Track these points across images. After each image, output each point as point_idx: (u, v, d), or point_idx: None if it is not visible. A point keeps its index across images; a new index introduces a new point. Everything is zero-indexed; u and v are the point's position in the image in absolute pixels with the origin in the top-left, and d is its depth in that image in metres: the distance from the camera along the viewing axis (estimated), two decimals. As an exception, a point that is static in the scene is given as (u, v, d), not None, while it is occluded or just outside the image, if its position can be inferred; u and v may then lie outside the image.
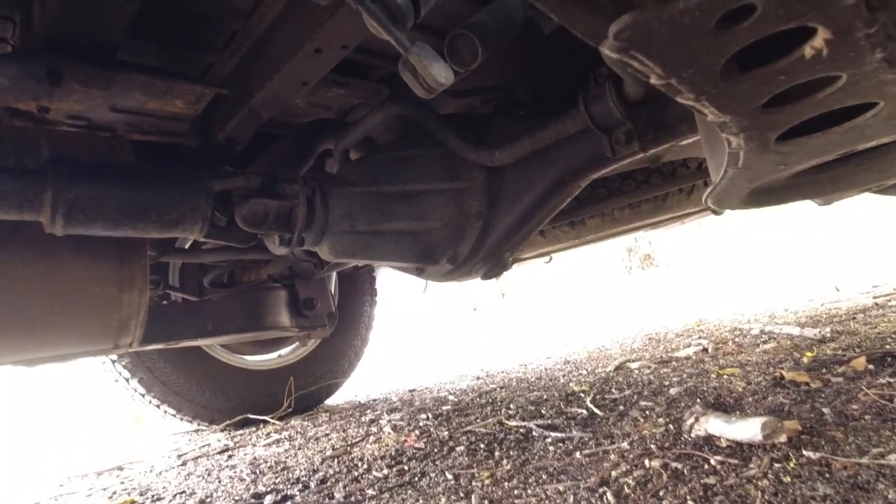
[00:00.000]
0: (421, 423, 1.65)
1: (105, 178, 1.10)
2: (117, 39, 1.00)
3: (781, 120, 0.57)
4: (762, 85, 0.48)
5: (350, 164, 1.46)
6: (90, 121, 1.18)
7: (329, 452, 1.51)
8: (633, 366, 1.96)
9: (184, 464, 1.73)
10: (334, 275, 2.59)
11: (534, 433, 1.29)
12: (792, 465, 0.79)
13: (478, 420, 1.56)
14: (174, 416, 2.16)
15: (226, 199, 1.28)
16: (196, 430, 2.29)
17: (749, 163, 0.71)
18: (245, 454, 1.72)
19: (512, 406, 1.66)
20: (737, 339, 2.06)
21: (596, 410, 1.38)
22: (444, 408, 1.87)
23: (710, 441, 0.95)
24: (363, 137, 1.46)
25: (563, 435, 1.22)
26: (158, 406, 2.13)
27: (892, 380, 1.12)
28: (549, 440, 1.21)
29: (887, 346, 1.39)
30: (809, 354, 1.49)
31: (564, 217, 1.98)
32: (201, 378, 2.21)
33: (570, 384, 1.84)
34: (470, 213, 1.39)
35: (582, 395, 1.62)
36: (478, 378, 2.48)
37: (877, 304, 2.10)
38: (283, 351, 2.54)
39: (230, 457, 1.71)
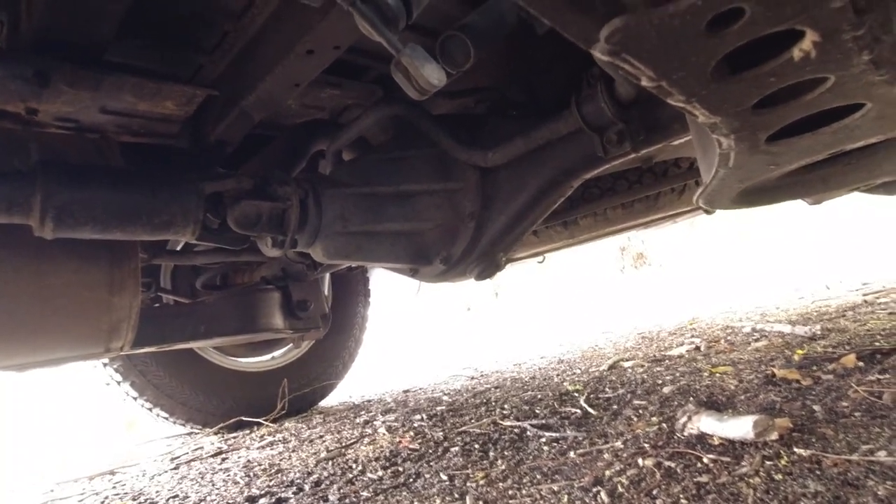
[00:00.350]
0: (415, 424, 1.65)
1: (95, 181, 1.09)
2: (106, 40, 1.00)
3: (771, 121, 0.57)
4: (752, 87, 0.48)
5: (343, 165, 1.46)
6: (79, 122, 1.17)
7: (323, 454, 1.50)
8: (627, 364, 1.97)
9: (177, 467, 1.72)
10: (328, 276, 2.58)
11: (528, 433, 1.30)
12: (783, 462, 0.80)
13: (472, 420, 1.56)
14: (167, 419, 2.14)
15: (218, 201, 1.27)
16: (189, 433, 2.27)
17: (740, 163, 0.72)
18: (239, 457, 1.71)
19: (506, 406, 1.66)
20: (729, 338, 2.08)
21: (590, 410, 1.39)
22: (439, 408, 1.87)
23: (702, 439, 0.96)
24: (357, 138, 1.46)
25: (557, 434, 1.22)
26: (151, 409, 2.11)
27: (881, 376, 1.13)
28: (543, 440, 1.21)
29: (876, 343, 1.41)
30: (800, 352, 1.51)
31: (558, 217, 1.99)
32: (194, 381, 2.19)
33: (564, 383, 1.84)
34: (463, 213, 1.39)
35: (576, 394, 1.62)
36: (472, 378, 2.48)
37: (866, 302, 2.12)
38: (277, 353, 2.53)
39: (224, 460, 1.70)
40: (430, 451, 1.32)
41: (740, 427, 0.90)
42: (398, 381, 2.86)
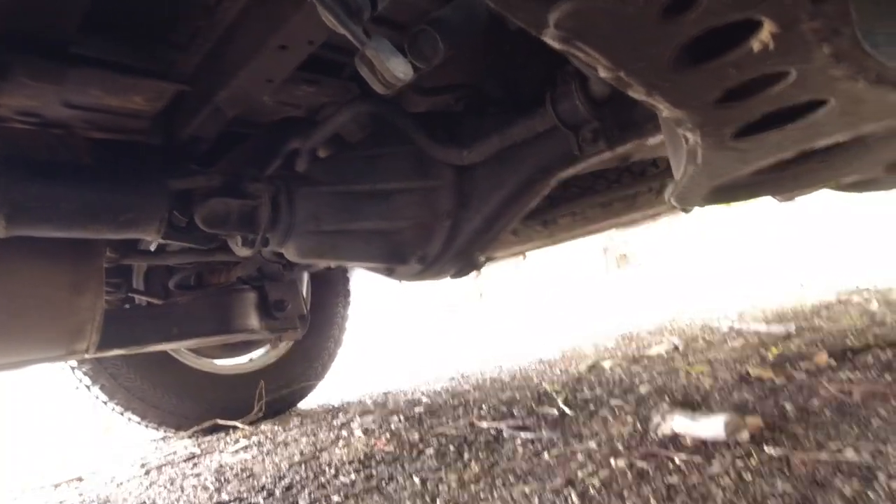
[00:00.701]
0: (392, 426, 1.63)
1: (53, 177, 1.05)
2: (69, 32, 0.96)
3: (735, 116, 0.57)
4: (714, 79, 0.47)
5: (318, 163, 1.43)
6: (42, 117, 1.13)
7: (297, 458, 1.47)
8: (606, 364, 1.97)
9: (147, 473, 1.67)
10: (306, 275, 2.55)
11: (504, 434, 1.28)
12: (753, 462, 0.79)
13: (449, 422, 1.54)
14: (139, 423, 2.09)
15: (186, 199, 1.24)
16: (164, 438, 2.22)
17: (708, 160, 0.71)
18: (211, 461, 1.67)
19: (484, 407, 1.65)
20: (707, 337, 2.09)
21: (567, 410, 1.38)
22: (417, 409, 1.85)
23: (675, 439, 0.95)
24: (333, 135, 1.43)
25: (532, 435, 1.21)
26: (122, 413, 2.06)
27: (851, 374, 1.14)
28: (518, 441, 1.20)
29: (848, 342, 1.42)
30: (775, 350, 1.52)
31: (537, 216, 1.98)
32: (168, 383, 2.14)
33: (543, 384, 1.84)
34: (440, 212, 1.37)
35: (554, 394, 1.61)
36: (452, 379, 2.46)
37: (840, 301, 2.15)
38: (255, 354, 2.48)
39: (196, 464, 1.66)
40: (405, 453, 1.30)
41: (712, 427, 0.89)
42: (379, 382, 2.84)
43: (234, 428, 2.15)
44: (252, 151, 1.59)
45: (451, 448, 1.27)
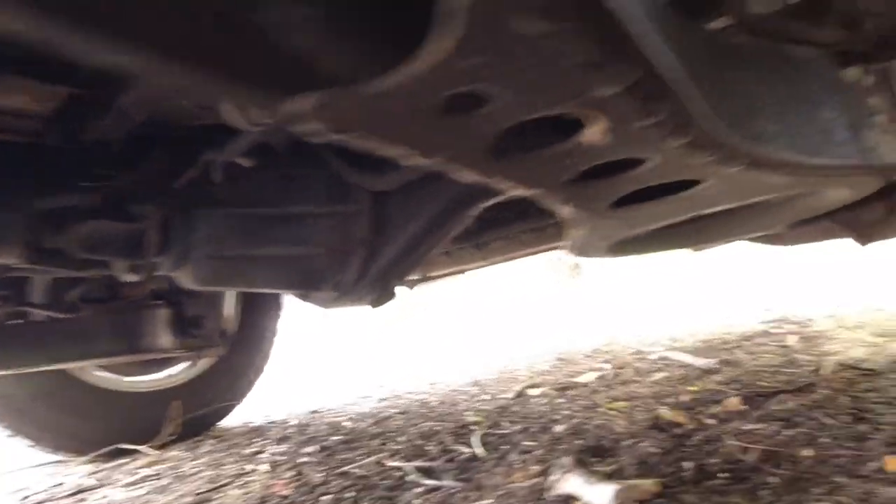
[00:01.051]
0: (301, 459, 1.54)
1: None
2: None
3: (601, 193, 0.51)
4: (553, 164, 0.41)
5: (227, 182, 1.32)
6: None
7: (189, 500, 1.36)
8: (534, 392, 1.93)
9: (24, 510, 1.52)
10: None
11: (408, 478, 1.22)
12: (637, 539, 0.75)
13: (360, 457, 1.46)
14: (31, 447, 1.91)
15: (59, 220, 1.12)
16: (61, 462, 2.04)
17: (592, 226, 0.66)
18: (102, 497, 1.53)
19: (401, 439, 1.58)
20: (637, 364, 2.09)
21: (479, 451, 1.33)
22: (335, 437, 1.76)
23: (568, 502, 0.90)
24: (255, 147, 1.33)
25: (435, 483, 1.15)
26: (12, 436, 1.88)
27: (756, 426, 1.13)
28: (419, 490, 1.14)
29: (761, 383, 1.43)
30: (692, 389, 1.52)
31: (470, 238, 1.93)
32: (66, 403, 1.97)
33: (467, 413, 1.78)
34: (355, 238, 1.30)
35: (475, 427, 1.56)
36: (381, 399, 2.39)
37: (763, 332, 2.20)
38: (173, 370, 2.32)
39: (81, 501, 1.52)
40: (301, 499, 1.22)
41: (603, 495, 0.85)
42: (309, 399, 2.72)
43: (139, 453, 1.99)
44: (165, 160, 1.47)
45: (351, 494, 1.19)
